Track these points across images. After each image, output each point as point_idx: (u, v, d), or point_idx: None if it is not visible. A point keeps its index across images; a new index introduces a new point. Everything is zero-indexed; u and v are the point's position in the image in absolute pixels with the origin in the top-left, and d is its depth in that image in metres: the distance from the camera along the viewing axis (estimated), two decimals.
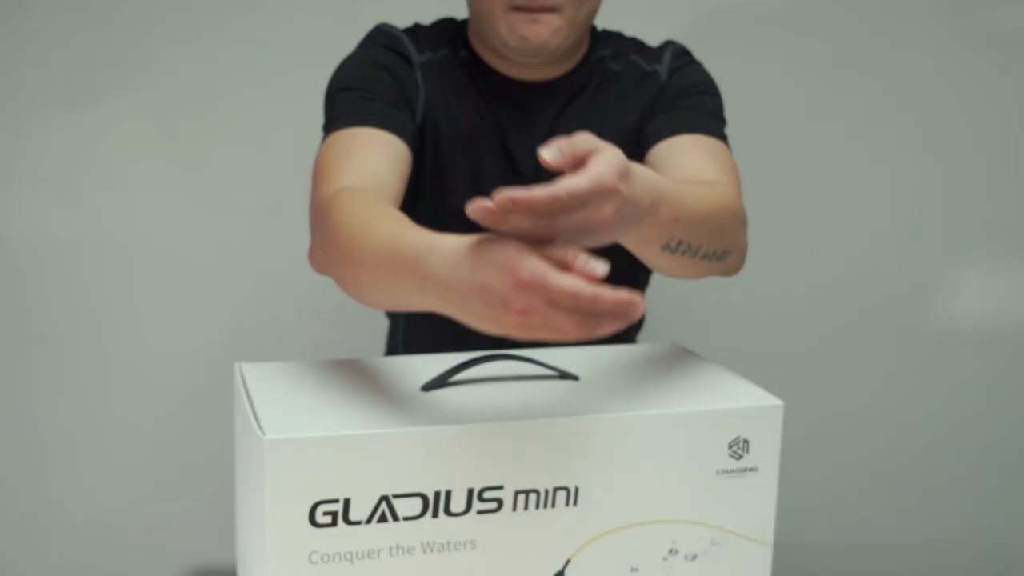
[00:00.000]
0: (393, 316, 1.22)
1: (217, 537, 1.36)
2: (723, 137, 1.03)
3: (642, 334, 1.24)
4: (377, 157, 0.94)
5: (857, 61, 1.71)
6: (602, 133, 1.05)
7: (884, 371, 1.80)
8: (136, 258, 1.70)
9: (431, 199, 1.06)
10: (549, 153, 0.63)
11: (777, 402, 0.77)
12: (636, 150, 1.04)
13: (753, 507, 0.77)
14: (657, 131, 1.02)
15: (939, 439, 1.84)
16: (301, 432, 0.68)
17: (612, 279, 1.17)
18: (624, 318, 0.60)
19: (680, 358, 0.89)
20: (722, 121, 1.05)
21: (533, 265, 0.59)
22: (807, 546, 1.77)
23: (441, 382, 0.78)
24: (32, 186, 1.69)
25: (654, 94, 1.06)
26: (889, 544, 1.85)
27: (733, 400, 0.77)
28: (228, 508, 0.91)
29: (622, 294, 0.60)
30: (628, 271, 1.15)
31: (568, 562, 0.74)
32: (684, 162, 0.98)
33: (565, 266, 0.60)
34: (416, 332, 1.18)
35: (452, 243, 0.64)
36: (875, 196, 1.75)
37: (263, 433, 0.67)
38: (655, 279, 1.19)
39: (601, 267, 0.60)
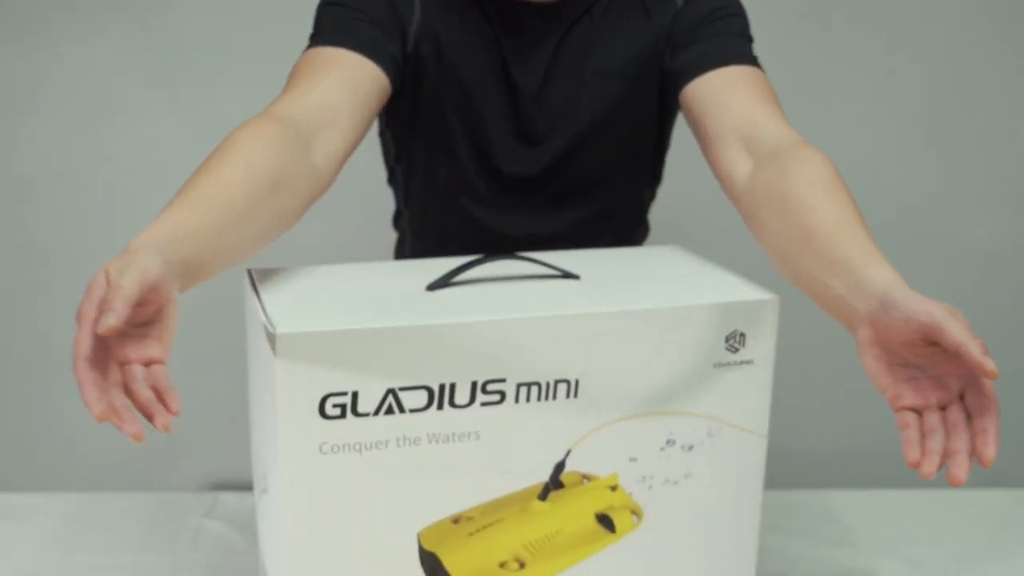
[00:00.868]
0: (400, 229, 1.24)
1: (232, 455, 1.40)
2: (754, 60, 1.00)
3: (647, 243, 1.25)
4: (341, 83, 0.92)
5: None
6: (610, 56, 1.04)
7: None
8: (141, 182, 1.72)
9: (431, 124, 1.06)
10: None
11: (772, 296, 0.79)
12: (650, 77, 1.03)
13: (748, 399, 0.80)
14: (686, 67, 0.99)
15: None
16: (311, 327, 0.70)
17: (618, 192, 1.18)
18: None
19: (680, 259, 0.91)
20: (749, 40, 1.03)
21: (84, 305, 0.63)
22: (801, 453, 1.80)
23: (445, 282, 0.80)
24: (43, 119, 1.71)
25: (670, 22, 1.03)
26: (882, 452, 1.88)
27: (730, 295, 0.79)
28: (242, 426, 0.94)
29: (88, 388, 0.62)
30: (635, 184, 1.16)
31: (569, 452, 0.77)
32: (729, 104, 0.95)
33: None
34: (423, 245, 1.19)
35: (140, 237, 0.69)
36: (876, 122, 1.76)
37: (274, 328, 0.69)
38: (663, 191, 1.20)
39: (108, 322, 0.61)
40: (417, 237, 1.20)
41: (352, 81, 0.93)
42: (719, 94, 0.96)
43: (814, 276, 0.75)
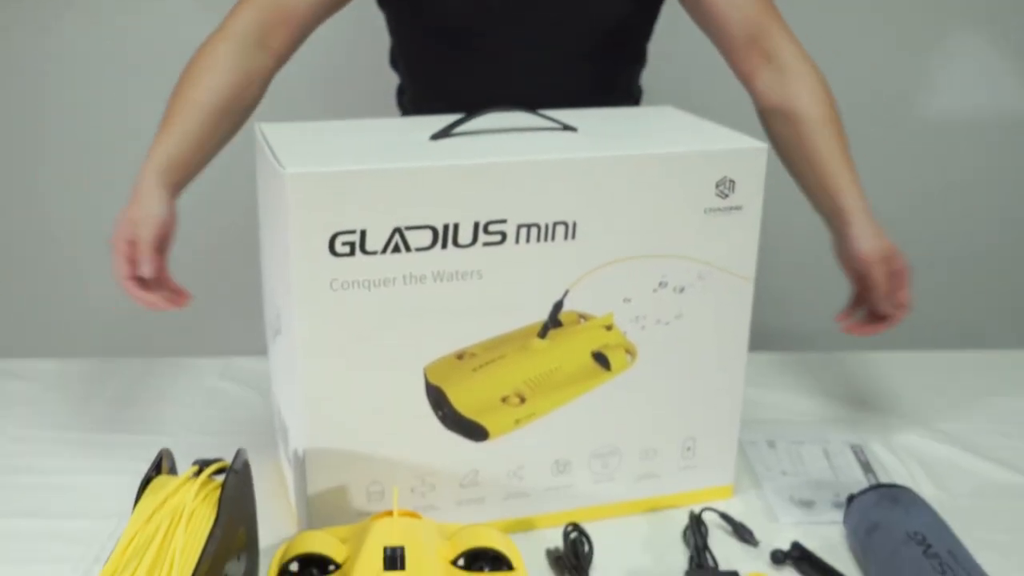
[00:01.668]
0: (403, 106, 1.26)
1: (243, 326, 1.44)
2: None
3: None
4: None
5: None
6: None
7: (876, 161, 1.87)
8: (159, 69, 1.74)
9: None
10: None
11: (761, 145, 0.82)
12: None
13: (737, 244, 0.84)
14: None
15: (921, 220, 1.91)
16: (320, 167, 0.74)
17: (608, 67, 1.19)
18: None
19: (674, 115, 0.94)
20: None
21: (118, 264, 0.88)
22: (787, 323, 1.85)
23: (448, 131, 0.84)
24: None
25: None
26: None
27: (720, 143, 0.82)
28: (253, 299, 0.98)
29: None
30: (616, 62, 1.18)
31: (567, 292, 0.81)
32: (742, 7, 1.03)
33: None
34: None
35: (143, 176, 0.90)
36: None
37: (284, 169, 0.73)
38: (651, 71, 1.22)
39: (144, 273, 0.88)
40: (419, 112, 1.22)
41: None
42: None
43: (809, 189, 1.00)
